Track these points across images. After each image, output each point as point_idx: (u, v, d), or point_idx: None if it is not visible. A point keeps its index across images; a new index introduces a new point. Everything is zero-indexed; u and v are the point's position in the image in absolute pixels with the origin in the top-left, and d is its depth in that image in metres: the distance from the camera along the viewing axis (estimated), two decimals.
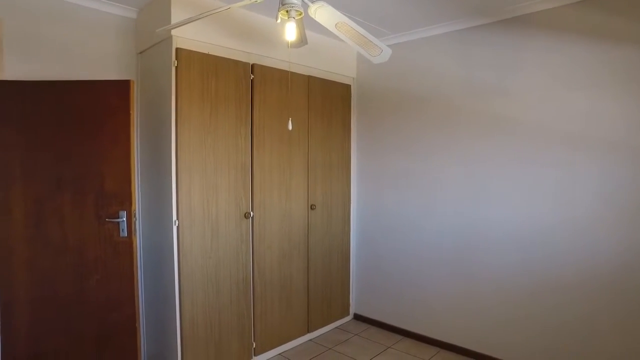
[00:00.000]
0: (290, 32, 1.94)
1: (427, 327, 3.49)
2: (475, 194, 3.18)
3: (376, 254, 3.85)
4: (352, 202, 3.96)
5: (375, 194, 3.84)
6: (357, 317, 4.03)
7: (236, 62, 2.96)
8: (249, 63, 3.04)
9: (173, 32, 2.63)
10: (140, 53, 3.07)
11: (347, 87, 3.86)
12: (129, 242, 2.45)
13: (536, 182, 2.89)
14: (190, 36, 2.72)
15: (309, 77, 3.47)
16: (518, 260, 2.98)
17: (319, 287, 3.65)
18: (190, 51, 2.71)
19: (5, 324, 2.48)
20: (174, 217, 2.67)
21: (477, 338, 3.19)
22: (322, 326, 3.71)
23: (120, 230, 2.44)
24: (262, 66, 3.12)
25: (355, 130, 3.98)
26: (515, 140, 2.98)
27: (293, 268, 3.41)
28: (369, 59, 2.32)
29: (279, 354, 3.35)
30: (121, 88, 2.44)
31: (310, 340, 3.59)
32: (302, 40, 2.28)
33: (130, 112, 2.42)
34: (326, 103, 3.63)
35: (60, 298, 2.51)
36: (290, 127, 2.20)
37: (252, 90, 3.06)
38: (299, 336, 3.51)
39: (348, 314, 3.99)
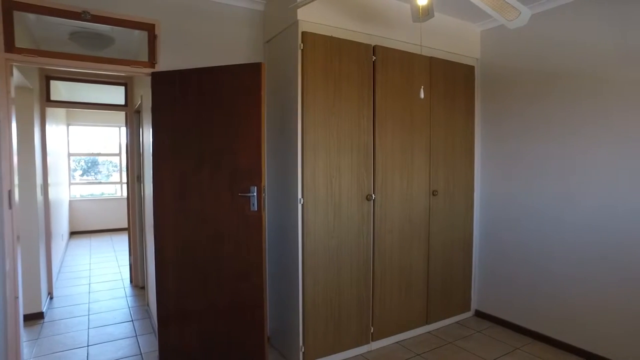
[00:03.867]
0: None
1: (566, 331, 3.09)
2: (631, 180, 2.72)
3: (502, 247, 3.54)
4: (475, 189, 3.70)
5: (502, 181, 3.53)
6: (479, 314, 3.75)
7: (358, 44, 2.95)
8: (370, 45, 3.01)
9: (299, 16, 2.72)
10: (267, 42, 3.23)
11: (470, 68, 3.62)
12: (258, 216, 2.58)
13: None
14: (315, 20, 2.78)
15: (431, 58, 3.32)
16: None
17: (439, 278, 3.47)
18: (315, 34, 2.77)
19: (159, 280, 2.80)
20: (299, 195, 2.75)
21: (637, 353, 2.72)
22: (441, 319, 3.53)
23: (251, 205, 2.58)
24: (383, 47, 3.07)
25: (480, 112, 3.71)
26: None
27: (413, 254, 3.29)
28: (505, 24, 2.12)
29: (397, 342, 3.26)
30: (254, 70, 2.58)
31: (429, 332, 3.43)
32: (430, 11, 2.17)
33: (262, 91, 2.55)
34: (448, 85, 3.45)
35: (199, 264, 2.74)
36: (422, 96, 2.10)
37: (374, 72, 3.03)
38: (418, 326, 3.37)
39: (469, 309, 3.73)
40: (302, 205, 2.75)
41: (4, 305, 2.40)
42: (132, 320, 3.72)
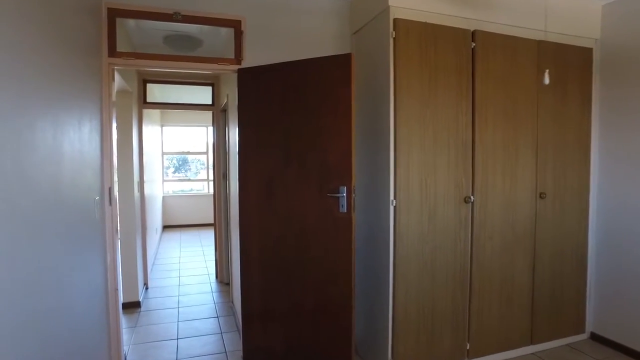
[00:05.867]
0: None
1: None
2: None
3: (626, 261, 3.01)
4: (591, 191, 3.20)
5: (627, 183, 3.01)
6: (595, 337, 3.24)
7: (455, 30, 2.67)
8: (469, 30, 2.71)
9: (390, 2, 2.52)
10: (354, 33, 3.07)
11: (587, 51, 3.13)
12: (348, 218, 2.42)
13: None
14: (407, 5, 2.56)
15: (539, 42, 2.92)
16: None
17: (546, 291, 3.05)
18: (408, 21, 2.55)
19: (244, 280, 2.78)
20: (391, 197, 2.54)
21: None
22: (549, 340, 3.10)
23: (340, 206, 2.43)
24: (483, 32, 2.74)
25: (598, 101, 3.20)
26: None
27: (516, 264, 2.92)
28: None
29: None
30: (342, 61, 2.43)
31: (534, 354, 3.03)
32: None
33: (352, 84, 2.39)
34: (559, 71, 3.00)
35: (285, 265, 2.66)
36: (547, 81, 1.79)
37: (473, 60, 2.72)
38: (520, 346, 2.99)
39: (582, 330, 3.25)
40: (395, 207, 2.55)
41: (106, 296, 2.51)
42: (217, 317, 3.79)
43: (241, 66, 2.80)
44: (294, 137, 2.58)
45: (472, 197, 2.73)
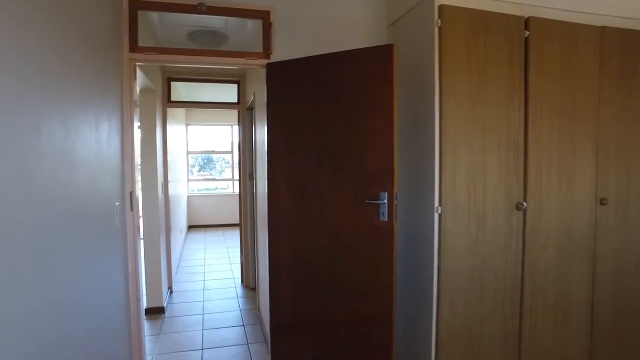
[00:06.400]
0: None
1: None
2: None
3: None
4: None
5: None
6: None
7: (507, 17, 2.39)
8: (522, 16, 2.43)
9: None
10: (392, 24, 2.82)
11: None
12: (389, 227, 2.18)
13: None
14: None
15: (602, 28, 2.60)
16: None
17: (608, 309, 2.73)
18: (455, 7, 2.29)
19: (273, 292, 2.59)
20: (436, 203, 2.29)
21: None
22: None
23: (380, 214, 2.19)
24: (538, 19, 2.45)
25: None
26: None
27: (572, 277, 2.62)
28: None
29: None
30: (383, 53, 2.19)
31: None
32: None
33: (393, 78, 2.15)
34: (625, 60, 2.67)
35: (316, 276, 2.45)
36: None
37: (526, 50, 2.43)
38: None
39: None
40: (440, 214, 2.29)
41: (127, 306, 2.36)
42: (243, 325, 3.61)
43: (270, 60, 2.60)
44: (327, 137, 2.36)
45: (524, 203, 2.45)
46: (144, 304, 3.92)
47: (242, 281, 4.82)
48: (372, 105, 2.21)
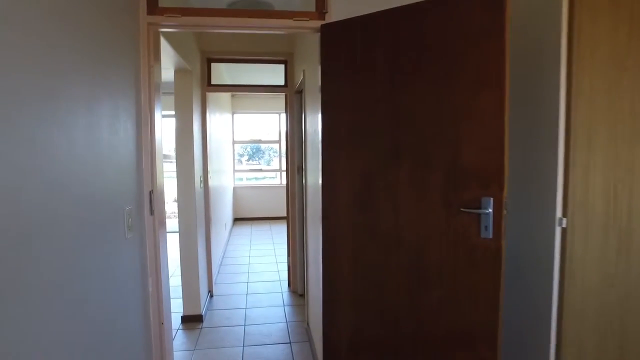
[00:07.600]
0: None
1: None
2: None
3: None
4: None
5: None
6: None
7: None
8: None
9: None
10: None
11: None
12: (495, 247, 1.53)
13: None
14: None
15: None
16: None
17: None
18: None
19: (328, 320, 2.05)
20: (559, 213, 1.61)
21: None
22: None
23: (482, 228, 1.55)
24: None
25: None
26: None
27: None
28: None
29: None
30: (488, 2, 1.52)
31: None
32: None
33: (505, 36, 1.48)
34: None
35: (387, 307, 1.85)
36: None
37: None
38: None
39: None
40: (564, 228, 1.62)
41: (145, 333, 1.88)
42: (290, 343, 3.10)
43: (325, 21, 2.00)
44: (405, 121, 1.73)
45: None
46: (181, 311, 3.55)
47: (289, 285, 4.32)
48: (472, 76, 1.55)
